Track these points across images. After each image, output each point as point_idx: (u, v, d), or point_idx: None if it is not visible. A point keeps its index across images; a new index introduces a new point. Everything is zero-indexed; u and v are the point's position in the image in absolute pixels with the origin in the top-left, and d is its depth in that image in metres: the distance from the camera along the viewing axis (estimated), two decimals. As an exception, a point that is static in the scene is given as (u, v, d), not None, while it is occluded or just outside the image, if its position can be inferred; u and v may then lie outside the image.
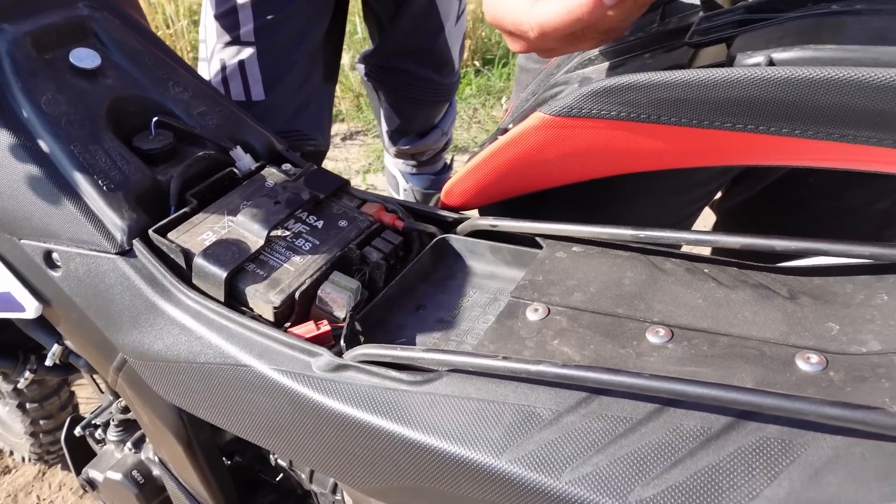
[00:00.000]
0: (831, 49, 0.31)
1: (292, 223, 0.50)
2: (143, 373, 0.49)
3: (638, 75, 0.34)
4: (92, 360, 0.55)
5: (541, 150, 0.41)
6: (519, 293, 0.42)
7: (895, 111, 0.28)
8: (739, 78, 0.31)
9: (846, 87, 0.28)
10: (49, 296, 0.52)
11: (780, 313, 0.36)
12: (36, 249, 0.50)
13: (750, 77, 0.30)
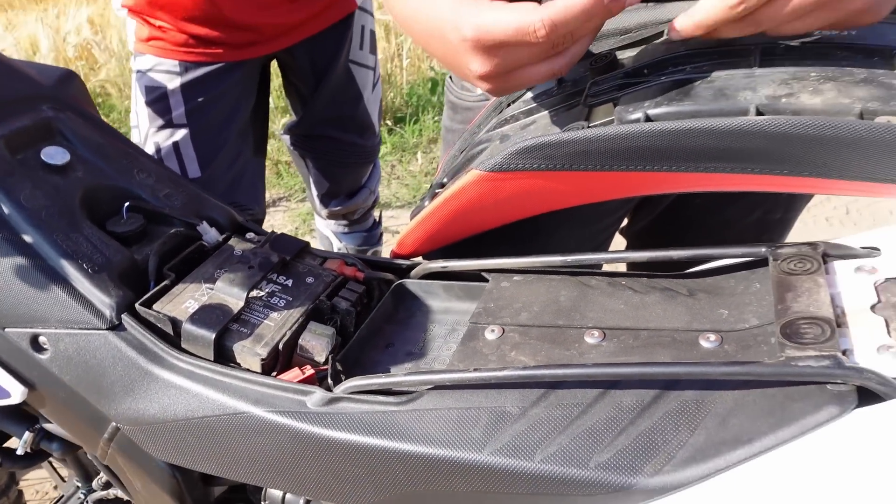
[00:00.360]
0: (688, 104, 0.41)
1: (266, 284, 0.56)
2: (137, 438, 0.52)
3: (551, 136, 0.43)
4: (78, 436, 0.57)
5: (478, 200, 0.50)
6: (476, 319, 0.50)
7: (738, 147, 0.39)
8: (625, 132, 0.41)
9: (701, 134, 0.39)
10: (34, 379, 0.55)
11: (683, 308, 0.46)
12: (22, 336, 0.53)
13: (633, 131, 0.40)
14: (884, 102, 0.38)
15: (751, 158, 0.39)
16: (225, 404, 0.48)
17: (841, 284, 0.41)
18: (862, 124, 0.37)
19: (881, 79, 0.40)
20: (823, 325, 0.37)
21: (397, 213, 2.25)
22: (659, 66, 0.48)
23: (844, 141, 0.37)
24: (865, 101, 0.39)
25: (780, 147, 0.38)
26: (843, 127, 0.37)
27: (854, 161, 0.38)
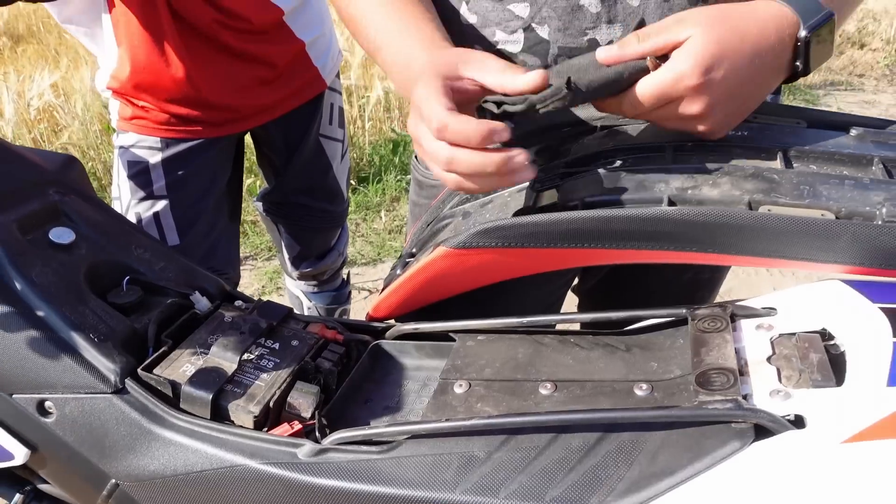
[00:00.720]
0: (616, 194, 0.51)
1: (255, 348, 0.62)
2: (137, 494, 0.57)
3: (505, 220, 0.52)
4: (76, 495, 0.61)
5: (445, 272, 0.58)
6: (446, 375, 0.57)
7: (654, 231, 0.48)
8: (565, 218, 0.50)
9: (625, 220, 0.48)
10: (37, 441, 0.59)
11: (621, 361, 0.54)
12: (28, 401, 0.58)
13: (571, 217, 0.50)
14: (766, 194, 0.48)
15: (665, 239, 0.49)
16: (222, 458, 0.54)
17: (744, 340, 0.50)
18: (748, 213, 0.46)
19: (765, 174, 0.50)
20: (729, 374, 0.46)
21: (363, 271, 2.31)
22: (593, 157, 0.58)
23: (736, 226, 0.46)
24: (752, 193, 0.49)
25: (687, 230, 0.48)
26: (734, 215, 0.46)
27: (745, 241, 0.47)
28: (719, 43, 0.49)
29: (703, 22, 0.50)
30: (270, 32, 1.06)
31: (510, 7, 0.66)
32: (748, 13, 0.51)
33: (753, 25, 0.50)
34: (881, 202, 0.47)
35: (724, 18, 0.50)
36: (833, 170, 0.51)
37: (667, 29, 0.51)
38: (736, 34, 0.50)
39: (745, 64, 0.50)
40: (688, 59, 0.49)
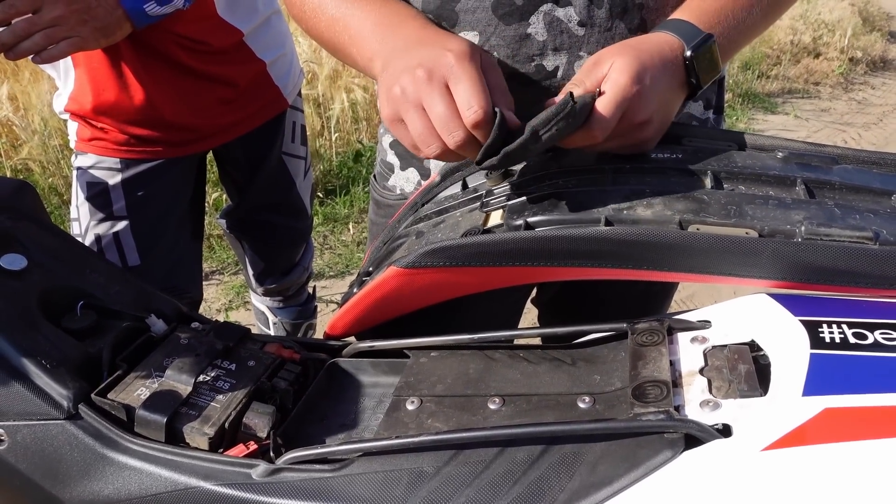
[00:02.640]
0: (557, 214, 0.53)
1: (211, 369, 0.63)
2: (92, 519, 0.57)
3: (453, 241, 0.54)
4: (30, 523, 0.61)
5: (397, 291, 0.60)
6: (399, 392, 0.59)
7: (592, 249, 0.51)
8: (509, 238, 0.52)
9: (564, 239, 0.50)
10: (-11, 470, 0.59)
11: (566, 374, 0.56)
12: (-20, 430, 0.58)
13: (515, 237, 0.52)
14: (695, 213, 0.51)
15: (602, 257, 0.51)
16: (176, 481, 0.54)
17: (679, 352, 0.52)
18: (678, 233, 0.49)
19: (695, 195, 0.53)
20: (662, 386, 0.48)
21: (331, 283, 2.31)
22: (538, 179, 0.60)
23: (667, 245, 0.49)
24: (683, 213, 0.51)
25: (622, 249, 0.50)
26: (665, 235, 0.49)
27: (676, 259, 0.50)
28: (637, 59, 0.56)
29: (616, 52, 0.57)
30: (231, 53, 1.07)
31: (461, 35, 0.69)
32: (646, 41, 0.60)
33: (655, 48, 0.59)
34: (801, 220, 0.50)
35: (631, 47, 0.58)
36: (759, 190, 0.54)
37: (589, 70, 0.58)
38: (645, 54, 0.57)
39: (661, 74, 0.57)
40: (621, 74, 0.55)
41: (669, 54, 0.58)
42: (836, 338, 0.45)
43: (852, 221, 0.50)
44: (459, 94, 0.53)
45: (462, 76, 0.53)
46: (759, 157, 0.58)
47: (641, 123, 0.57)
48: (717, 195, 0.53)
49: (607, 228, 0.50)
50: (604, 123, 0.55)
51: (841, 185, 0.55)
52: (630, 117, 0.56)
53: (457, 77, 0.53)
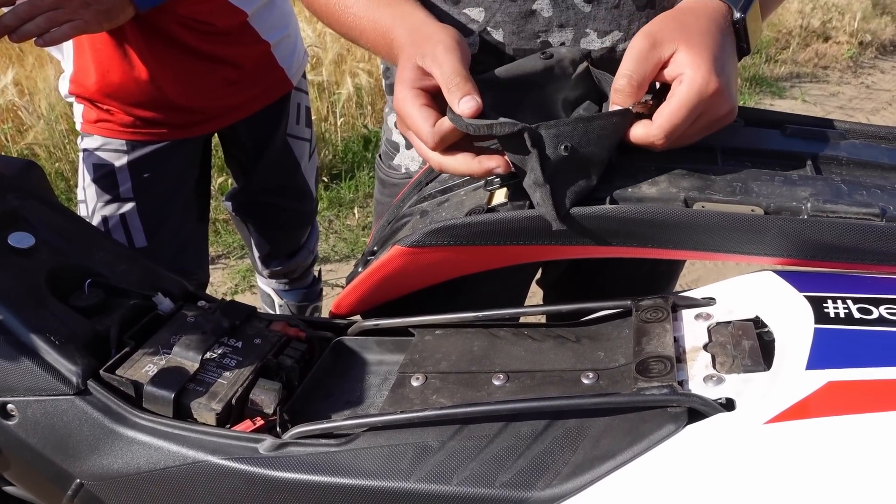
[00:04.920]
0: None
1: (218, 347, 0.64)
2: (101, 492, 0.58)
3: (457, 220, 0.54)
4: (41, 496, 0.62)
5: (402, 270, 0.60)
6: (404, 369, 0.59)
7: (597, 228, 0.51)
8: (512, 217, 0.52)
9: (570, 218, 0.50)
10: (0, 444, 0.60)
11: (570, 351, 0.56)
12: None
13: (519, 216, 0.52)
14: (701, 191, 0.51)
15: (607, 235, 0.51)
16: (185, 455, 0.55)
17: (683, 329, 0.52)
18: (683, 211, 0.49)
19: (701, 172, 0.53)
20: (666, 361, 0.48)
21: (336, 267, 2.32)
22: (543, 157, 0.60)
23: (672, 223, 0.49)
24: (688, 191, 0.51)
25: (627, 228, 0.50)
26: (670, 213, 0.49)
27: (681, 236, 0.50)
28: (706, 44, 0.51)
29: (676, 32, 0.51)
30: (235, 34, 1.07)
31: (466, 11, 0.68)
32: (699, 13, 0.54)
33: (709, 21, 0.53)
34: (807, 197, 0.49)
35: (686, 25, 0.52)
36: (765, 167, 0.54)
37: (646, 57, 0.51)
38: (707, 33, 0.52)
39: (726, 53, 0.52)
40: (696, 70, 0.50)
41: (723, 23, 0.53)
42: (841, 313, 0.45)
43: (859, 198, 0.49)
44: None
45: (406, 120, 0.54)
46: (766, 133, 0.58)
47: (725, 115, 0.52)
48: (722, 172, 0.52)
49: (612, 206, 0.50)
50: (672, 131, 0.50)
51: (848, 160, 0.54)
52: (710, 116, 0.51)
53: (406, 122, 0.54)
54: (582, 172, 0.50)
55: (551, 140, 0.49)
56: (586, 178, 0.51)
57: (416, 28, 0.57)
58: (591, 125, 0.50)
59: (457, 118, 0.50)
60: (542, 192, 0.49)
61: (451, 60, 0.52)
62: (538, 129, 0.49)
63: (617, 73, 0.52)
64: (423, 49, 0.54)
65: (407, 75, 0.54)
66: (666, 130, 0.50)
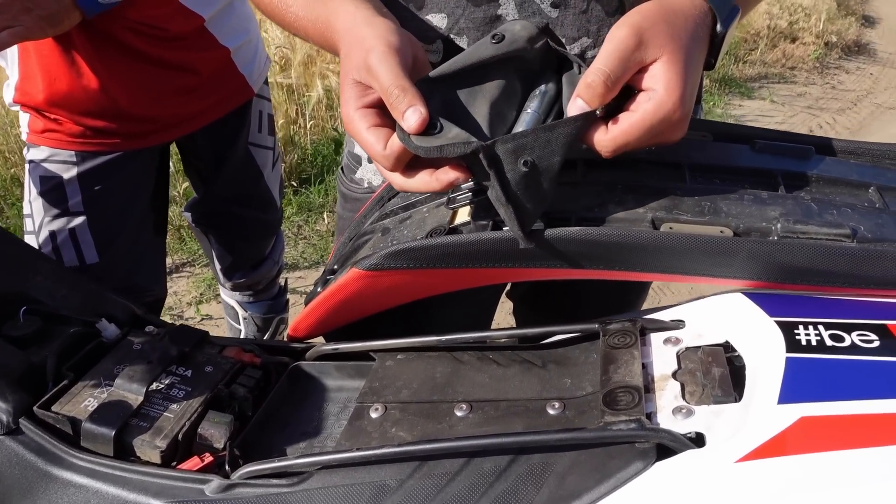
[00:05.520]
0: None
1: (165, 377, 0.60)
2: (37, 539, 0.54)
3: (415, 242, 0.51)
4: (-27, 543, 0.58)
5: (360, 293, 0.57)
6: (362, 399, 0.56)
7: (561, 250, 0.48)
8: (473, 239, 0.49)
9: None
10: (-75, 489, 0.55)
11: (536, 378, 0.54)
12: (-86, 447, 0.54)
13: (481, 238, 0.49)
14: (668, 211, 0.49)
15: (572, 258, 0.49)
16: (125, 499, 0.51)
17: (652, 354, 0.50)
18: (649, 234, 0.47)
19: (669, 190, 0.51)
20: (634, 392, 0.46)
21: (305, 274, 2.27)
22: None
23: (639, 246, 0.47)
24: (656, 211, 0.49)
25: (592, 250, 0.48)
26: (636, 236, 0.46)
27: (649, 259, 0.48)
28: (683, 62, 0.47)
29: (664, 42, 0.47)
30: (191, 39, 1.03)
31: (428, 17, 0.65)
32: (688, 17, 0.50)
33: (695, 29, 0.50)
34: (777, 217, 0.48)
35: (676, 30, 0.48)
36: (734, 184, 0.52)
37: (630, 57, 0.47)
38: (688, 46, 0.48)
39: (698, 72, 0.49)
40: (669, 93, 0.47)
41: (704, 32, 0.50)
42: (813, 340, 0.43)
43: (829, 217, 0.48)
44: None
45: (357, 140, 0.50)
46: (735, 149, 0.56)
47: (673, 140, 0.49)
48: (691, 191, 0.50)
49: (578, 229, 0.48)
50: (623, 147, 0.47)
51: (818, 177, 0.53)
52: (661, 138, 0.48)
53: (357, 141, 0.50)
54: (546, 184, 0.47)
55: (509, 156, 0.46)
56: (550, 189, 0.48)
57: (349, 30, 0.52)
58: (552, 134, 0.47)
59: (405, 137, 0.47)
60: (505, 210, 0.47)
61: (387, 69, 0.48)
62: (494, 146, 0.46)
63: (592, 65, 0.48)
64: (356, 60, 0.50)
65: (348, 93, 0.50)
66: (618, 145, 0.47)
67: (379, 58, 0.49)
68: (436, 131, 0.47)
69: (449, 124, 0.47)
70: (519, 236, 0.46)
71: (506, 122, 0.50)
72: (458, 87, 0.51)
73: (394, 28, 0.51)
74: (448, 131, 0.46)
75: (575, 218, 0.50)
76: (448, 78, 0.51)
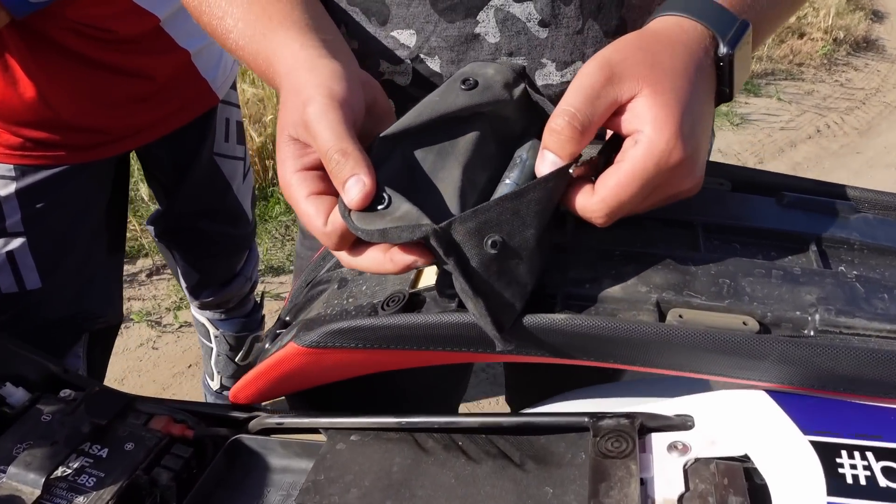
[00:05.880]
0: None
1: (75, 458, 0.50)
2: None
3: (361, 321, 0.42)
4: None
5: (301, 370, 0.47)
6: (303, 497, 0.46)
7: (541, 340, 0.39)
8: (434, 323, 0.39)
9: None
10: None
11: (511, 483, 0.44)
12: None
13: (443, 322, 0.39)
14: (678, 291, 0.39)
15: (558, 349, 0.39)
16: None
17: (653, 466, 0.40)
18: (655, 327, 0.37)
19: (679, 261, 0.41)
20: (630, 529, 0.36)
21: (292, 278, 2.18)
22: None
23: (641, 342, 0.37)
24: (662, 290, 0.39)
25: (583, 343, 0.38)
26: (638, 331, 0.37)
27: (651, 356, 0.38)
28: (671, 93, 0.38)
29: (642, 73, 0.38)
30: (145, 42, 0.92)
31: (394, 34, 0.55)
32: (674, 44, 0.40)
33: (686, 56, 0.40)
34: (814, 303, 0.38)
35: (657, 59, 0.39)
36: (759, 253, 0.42)
37: (598, 94, 0.38)
38: (677, 75, 0.39)
39: (699, 105, 0.39)
40: (658, 131, 0.37)
41: (703, 58, 0.40)
42: (861, 476, 0.34)
43: (880, 304, 0.38)
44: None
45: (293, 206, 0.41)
46: (758, 203, 0.46)
47: (687, 190, 0.40)
48: (705, 261, 0.41)
49: (563, 318, 0.38)
50: (617, 209, 0.38)
51: (861, 244, 0.43)
52: (667, 191, 0.39)
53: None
54: (523, 265, 0.38)
55: (472, 238, 0.36)
56: (530, 271, 0.38)
57: (288, 74, 0.43)
58: (522, 202, 0.37)
59: (345, 213, 0.37)
60: (474, 305, 0.37)
61: (326, 127, 0.38)
62: (451, 227, 0.36)
63: (556, 108, 0.39)
64: (293, 114, 0.40)
65: (284, 153, 0.40)
66: (610, 207, 0.38)
67: (318, 113, 0.39)
68: (382, 206, 0.37)
69: (399, 198, 0.37)
70: (494, 336, 0.37)
71: (479, 192, 0.40)
72: (424, 145, 0.41)
73: (340, 73, 0.41)
74: (396, 208, 0.36)
75: (561, 296, 0.40)
76: (411, 133, 0.41)
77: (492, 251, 0.36)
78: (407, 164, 0.40)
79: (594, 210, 0.38)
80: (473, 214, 0.36)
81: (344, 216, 0.37)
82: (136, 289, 2.16)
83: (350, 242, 0.39)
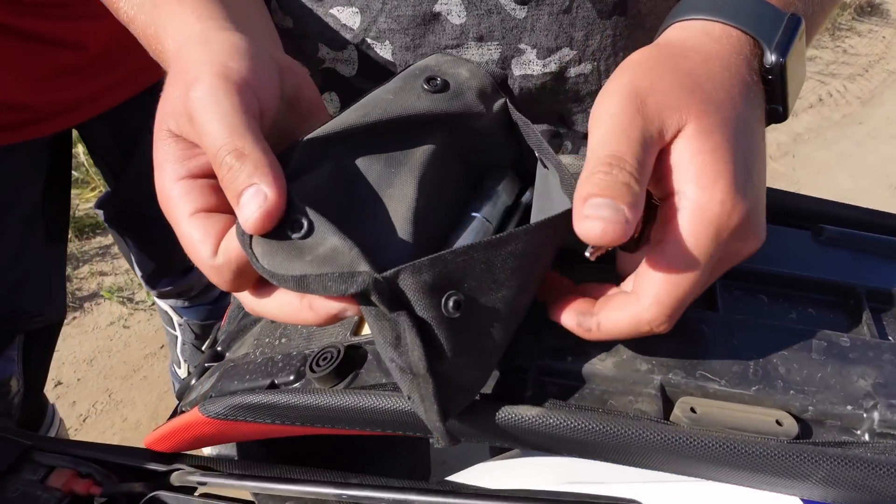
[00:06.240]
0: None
1: (-54, 534, 0.42)
2: None
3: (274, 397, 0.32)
4: None
5: (213, 435, 0.38)
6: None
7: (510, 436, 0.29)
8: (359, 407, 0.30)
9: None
10: None
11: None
12: None
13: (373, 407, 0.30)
14: (688, 373, 0.30)
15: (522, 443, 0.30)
16: None
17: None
18: (656, 431, 0.27)
19: (689, 322, 0.31)
20: None
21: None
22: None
23: (638, 447, 0.28)
24: (667, 369, 0.30)
25: (561, 444, 0.29)
26: (634, 435, 0.27)
27: (656, 462, 0.29)
28: (722, 127, 0.28)
29: (681, 100, 0.28)
30: (74, 5, 0.80)
31: (333, 12, 0.44)
32: (709, 59, 0.30)
33: (726, 76, 0.30)
34: (870, 392, 0.29)
35: (697, 84, 0.29)
36: (792, 311, 0.32)
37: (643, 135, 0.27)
38: (722, 105, 0.28)
39: (752, 137, 0.29)
40: (707, 189, 0.27)
41: (746, 72, 0.30)
42: None
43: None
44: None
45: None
46: (791, 239, 0.36)
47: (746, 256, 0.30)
48: (725, 324, 0.31)
49: (532, 414, 0.28)
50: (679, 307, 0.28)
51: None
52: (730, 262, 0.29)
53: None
54: (490, 338, 0.28)
55: (427, 295, 0.26)
56: (497, 346, 0.28)
57: (178, 52, 0.32)
58: (498, 254, 0.27)
59: (246, 245, 0.27)
60: (417, 386, 0.27)
61: (216, 119, 0.28)
62: (398, 278, 0.26)
63: (589, 155, 0.27)
64: (173, 102, 0.30)
65: (163, 154, 0.30)
66: (672, 308, 0.27)
67: (204, 98, 0.28)
68: (299, 234, 0.27)
69: (324, 225, 0.27)
70: (436, 430, 0.27)
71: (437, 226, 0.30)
72: (367, 152, 0.30)
73: (241, 48, 0.30)
74: (319, 241, 0.26)
75: (534, 372, 0.30)
76: (351, 137, 0.30)
77: (453, 314, 0.26)
78: (341, 176, 0.30)
79: (651, 319, 0.27)
80: (431, 264, 0.26)
81: (244, 246, 0.26)
82: (109, 262, 2.06)
83: (252, 281, 0.29)
